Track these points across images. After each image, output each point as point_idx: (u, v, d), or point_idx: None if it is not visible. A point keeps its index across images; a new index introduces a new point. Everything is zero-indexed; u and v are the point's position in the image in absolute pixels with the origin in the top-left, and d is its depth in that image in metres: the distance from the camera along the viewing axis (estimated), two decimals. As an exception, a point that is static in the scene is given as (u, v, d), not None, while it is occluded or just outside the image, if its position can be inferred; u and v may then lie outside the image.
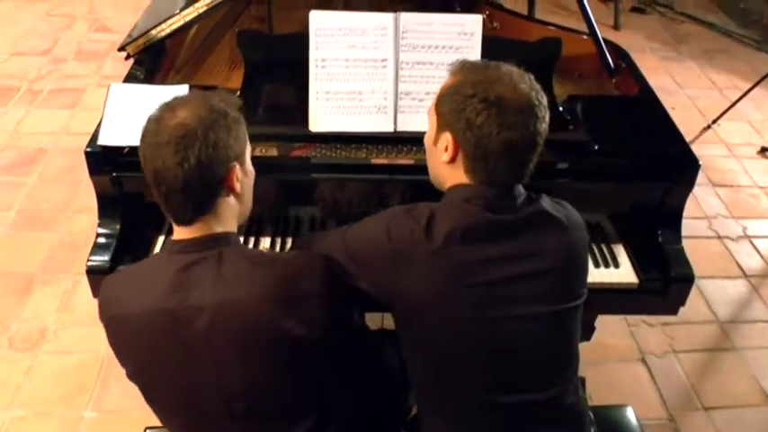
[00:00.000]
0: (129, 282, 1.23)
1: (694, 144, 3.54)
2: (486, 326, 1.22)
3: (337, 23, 1.65)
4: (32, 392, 2.21)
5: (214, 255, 1.17)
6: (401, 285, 1.22)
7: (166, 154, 1.13)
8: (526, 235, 1.23)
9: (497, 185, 1.23)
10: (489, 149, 1.20)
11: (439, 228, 1.20)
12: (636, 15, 4.89)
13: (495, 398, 1.24)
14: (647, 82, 1.98)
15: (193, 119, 1.15)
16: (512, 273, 1.21)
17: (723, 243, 2.98)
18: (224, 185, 1.20)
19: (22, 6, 4.47)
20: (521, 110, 1.20)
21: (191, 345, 1.16)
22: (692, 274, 1.68)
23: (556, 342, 1.27)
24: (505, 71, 1.24)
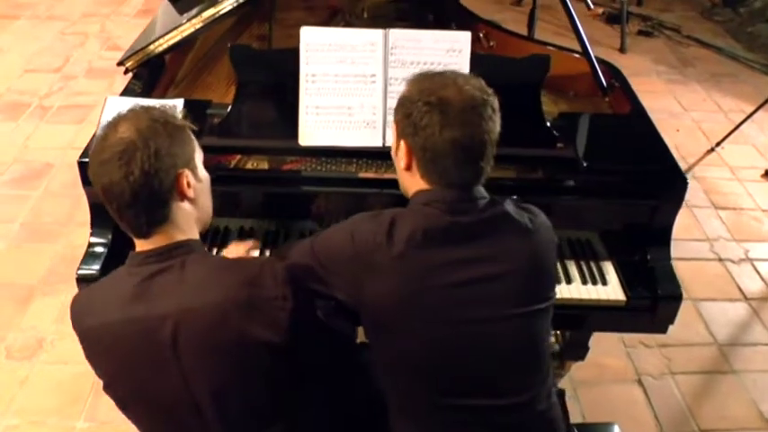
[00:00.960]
0: (95, 296, 1.25)
1: (697, 166, 3.57)
2: (448, 329, 1.22)
3: (327, 39, 1.67)
4: (27, 402, 2.23)
5: (177, 263, 1.19)
6: (365, 290, 1.23)
7: (111, 170, 1.15)
8: (487, 238, 1.24)
9: (454, 187, 1.25)
10: (436, 150, 1.23)
11: (400, 232, 1.22)
12: (642, 38, 4.90)
13: (462, 401, 1.25)
14: (639, 101, 1.99)
15: (132, 132, 1.16)
16: (473, 275, 1.22)
17: (724, 265, 2.96)
18: (174, 193, 1.21)
19: (38, 25, 4.57)
20: (464, 109, 1.22)
21: (158, 354, 1.17)
22: (680, 292, 1.67)
23: (522, 345, 1.27)
24: (451, 76, 1.28)
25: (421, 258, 1.21)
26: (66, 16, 4.67)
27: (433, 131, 1.22)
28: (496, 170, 1.72)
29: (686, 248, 3.02)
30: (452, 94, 1.23)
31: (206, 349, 1.17)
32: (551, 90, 2.19)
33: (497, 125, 1.27)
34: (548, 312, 1.30)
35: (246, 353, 1.18)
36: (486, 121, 1.24)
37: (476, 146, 1.23)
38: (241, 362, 1.19)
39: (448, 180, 1.25)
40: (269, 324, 1.18)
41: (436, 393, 1.26)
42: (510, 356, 1.26)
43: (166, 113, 1.24)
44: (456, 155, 1.23)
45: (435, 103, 1.22)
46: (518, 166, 1.75)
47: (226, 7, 1.91)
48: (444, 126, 1.21)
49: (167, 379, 1.18)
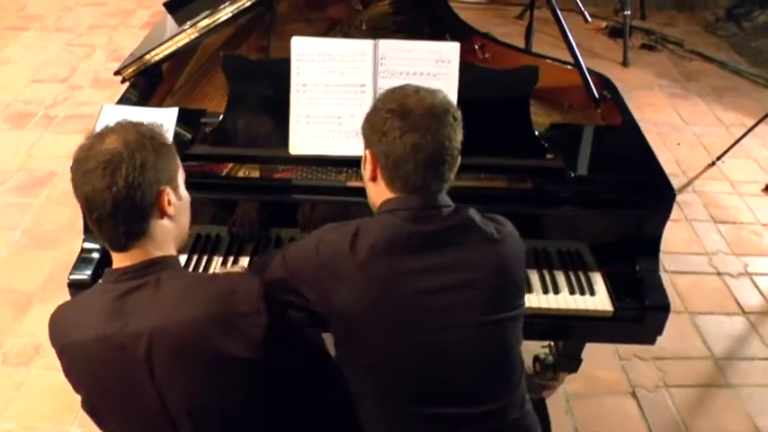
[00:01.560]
0: (72, 312, 1.25)
1: (698, 180, 3.56)
2: (414, 337, 1.23)
3: (318, 49, 1.70)
4: (22, 407, 2.25)
5: (152, 280, 1.19)
6: (332, 299, 1.25)
7: (94, 179, 1.15)
8: (451, 246, 1.25)
9: (417, 193, 1.27)
10: (397, 154, 1.25)
11: (363, 241, 1.23)
12: (645, 52, 4.91)
13: (431, 410, 1.25)
14: (631, 112, 2.00)
15: (120, 143, 1.17)
16: (437, 284, 1.23)
17: (723, 279, 2.94)
18: (155, 208, 1.21)
19: (46, 36, 4.64)
20: (424, 115, 1.25)
21: (133, 372, 1.17)
22: (667, 303, 1.67)
23: (490, 353, 1.27)
24: (415, 88, 1.30)
25: (384, 267, 1.22)
26: (74, 28, 4.74)
27: (394, 137, 1.24)
28: (486, 180, 1.76)
29: (685, 262, 3.01)
30: (413, 101, 1.26)
31: (180, 366, 1.17)
32: (545, 101, 2.21)
33: (459, 134, 1.29)
34: (517, 320, 1.31)
35: (221, 369, 1.18)
36: (446, 127, 1.26)
37: (436, 150, 1.25)
38: (216, 378, 1.19)
39: (411, 186, 1.27)
40: (243, 340, 1.18)
41: (405, 402, 1.26)
42: (478, 364, 1.26)
43: (154, 130, 1.25)
44: (417, 159, 1.24)
45: (396, 109, 1.25)
46: (508, 177, 1.76)
47: (221, 18, 1.94)
48: (405, 131, 1.24)
49: (143, 397, 1.19)
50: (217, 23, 1.95)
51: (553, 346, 2.33)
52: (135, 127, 1.22)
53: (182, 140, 1.76)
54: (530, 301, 1.67)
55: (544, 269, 1.75)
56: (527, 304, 1.64)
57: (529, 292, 1.69)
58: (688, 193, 3.47)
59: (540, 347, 2.40)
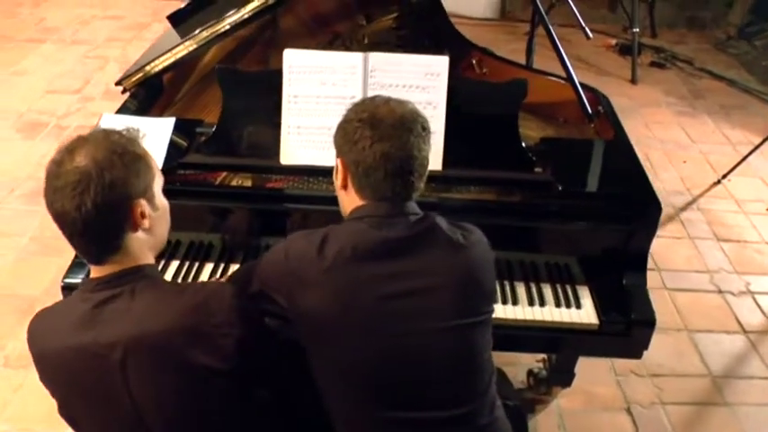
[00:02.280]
0: (49, 320, 1.26)
1: (703, 198, 3.54)
2: (380, 342, 1.25)
3: (310, 61, 1.73)
4: (19, 409, 2.28)
5: (127, 290, 1.20)
6: (300, 304, 1.27)
7: (64, 198, 1.14)
8: (417, 252, 1.27)
9: (386, 201, 1.29)
10: (367, 163, 1.27)
11: (331, 247, 1.26)
12: (655, 70, 4.91)
13: (397, 415, 1.26)
14: (623, 127, 2.01)
15: (89, 162, 1.16)
16: (402, 289, 1.24)
17: (724, 298, 2.92)
18: (128, 224, 1.20)
19: (63, 48, 4.74)
20: (393, 125, 1.27)
21: (108, 380, 1.18)
22: (653, 318, 1.67)
23: (457, 358, 1.28)
24: (385, 98, 1.33)
25: (349, 272, 1.25)
26: (90, 41, 4.84)
27: (364, 146, 1.27)
28: (476, 193, 1.78)
29: (685, 279, 3.00)
30: (384, 111, 1.29)
31: (154, 376, 1.18)
32: (541, 116, 2.23)
33: (427, 145, 1.32)
34: (485, 326, 1.32)
35: (193, 379, 1.20)
36: (415, 137, 1.28)
37: (405, 159, 1.28)
38: (189, 388, 1.20)
39: (379, 193, 1.29)
40: (214, 351, 1.19)
41: (371, 406, 1.28)
42: (444, 369, 1.27)
43: (126, 142, 1.22)
44: (386, 167, 1.27)
45: (367, 119, 1.28)
46: (497, 189, 1.78)
47: (219, 30, 1.98)
48: (375, 140, 1.26)
49: (118, 405, 1.20)
50: (215, 35, 1.99)
51: (546, 360, 2.33)
52: (107, 140, 1.20)
53: (177, 149, 1.81)
54: (515, 313, 1.69)
55: (531, 282, 1.76)
56: (513, 316, 1.67)
57: (514, 304, 1.71)
58: (692, 210, 3.45)
59: (534, 361, 2.41)
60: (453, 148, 1.73)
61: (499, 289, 1.73)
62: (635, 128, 4.15)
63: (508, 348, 1.81)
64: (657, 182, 3.64)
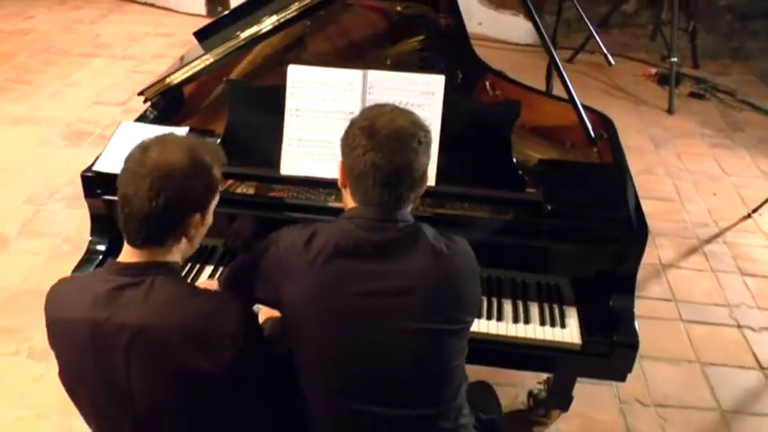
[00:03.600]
0: (69, 289, 1.35)
1: (730, 232, 3.47)
2: (352, 336, 1.30)
3: (312, 77, 1.82)
4: (37, 397, 2.41)
5: (148, 281, 1.28)
6: (284, 292, 1.33)
7: (141, 186, 1.25)
8: (398, 255, 1.32)
9: (376, 207, 1.34)
10: (358, 169, 1.33)
11: (317, 242, 1.32)
12: (693, 101, 4.84)
13: (366, 408, 1.31)
14: (623, 152, 2.02)
15: (178, 164, 1.26)
16: (378, 288, 1.29)
17: (742, 332, 2.85)
18: (180, 230, 1.31)
19: (113, 63, 4.99)
20: (389, 136, 1.31)
21: (111, 359, 1.26)
22: (636, 341, 1.67)
23: (425, 360, 1.32)
24: (389, 108, 1.38)
25: (330, 267, 1.31)
26: (139, 56, 5.08)
27: (359, 153, 1.33)
28: (467, 209, 1.82)
29: (703, 312, 2.94)
30: (383, 122, 1.34)
31: (152, 367, 1.26)
32: (549, 139, 2.26)
33: (423, 157, 1.36)
34: (459, 334, 1.36)
35: (188, 379, 1.26)
36: (408, 150, 1.32)
37: (394, 171, 1.32)
38: (181, 386, 1.27)
39: (368, 199, 1.35)
40: (213, 357, 1.26)
41: (343, 399, 1.33)
42: (411, 369, 1.32)
43: (209, 161, 1.33)
44: (375, 177, 1.32)
45: (366, 127, 1.34)
46: (488, 206, 1.81)
47: (233, 46, 2.09)
48: (368, 149, 1.32)
49: (115, 385, 1.27)
50: (230, 50, 2.10)
51: (546, 382, 2.32)
52: (196, 154, 1.30)
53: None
54: (498, 328, 1.72)
55: (519, 299, 1.79)
56: (495, 331, 1.70)
57: (499, 320, 1.73)
58: (717, 243, 3.38)
59: (535, 383, 2.41)
60: (447, 164, 1.77)
61: (486, 304, 1.77)
62: (666, 158, 4.11)
63: (492, 363, 1.83)
64: (683, 213, 3.59)
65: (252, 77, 2.48)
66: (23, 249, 3.12)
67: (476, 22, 5.75)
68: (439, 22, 2.71)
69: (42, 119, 4.19)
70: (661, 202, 3.68)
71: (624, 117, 4.56)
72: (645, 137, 4.34)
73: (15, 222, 3.29)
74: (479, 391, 1.75)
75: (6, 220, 3.30)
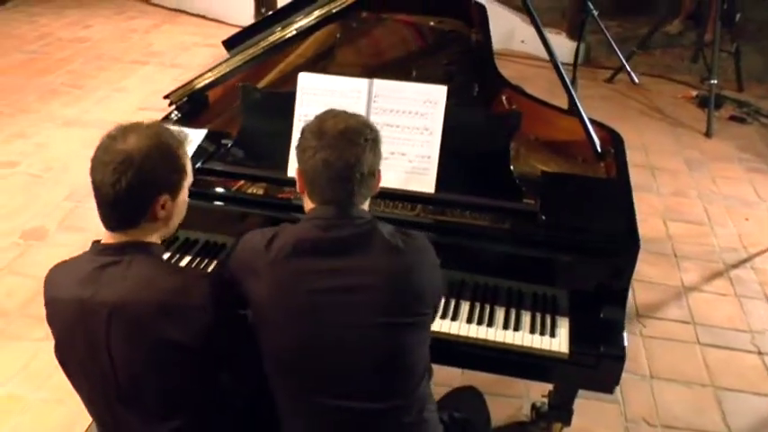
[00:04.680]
0: (61, 272, 1.44)
1: (759, 257, 3.40)
2: (312, 331, 1.35)
3: (321, 84, 1.89)
4: (59, 382, 2.52)
5: (126, 260, 1.37)
6: (248, 291, 1.40)
7: (105, 172, 1.32)
8: (353, 252, 1.37)
9: (331, 205, 1.40)
10: (312, 169, 1.39)
11: (277, 243, 1.39)
12: (734, 124, 4.75)
13: (329, 402, 1.36)
14: (627, 168, 2.03)
15: (136, 148, 1.33)
16: (335, 285, 1.34)
17: (762, 359, 2.79)
18: (148, 211, 1.37)
19: (162, 71, 5.21)
20: (335, 136, 1.38)
21: (95, 335, 1.35)
22: (622, 354, 1.67)
23: (382, 354, 1.36)
24: (336, 112, 1.44)
25: (289, 266, 1.37)
26: (186, 65, 5.28)
27: (310, 154, 1.40)
28: (466, 217, 1.86)
29: (723, 337, 2.89)
30: (330, 124, 1.41)
31: (130, 340, 1.34)
32: (561, 153, 2.28)
33: (370, 154, 1.41)
34: (418, 327, 1.40)
35: (162, 351, 1.34)
36: (355, 147, 1.39)
37: (343, 167, 1.38)
38: (157, 358, 1.35)
39: (325, 198, 1.41)
40: (186, 329, 1.34)
41: (305, 393, 1.39)
42: (370, 363, 1.36)
43: (173, 142, 1.39)
44: (328, 174, 1.39)
45: (316, 130, 1.41)
46: (485, 215, 1.84)
47: (252, 55, 2.20)
48: (319, 149, 1.39)
49: (99, 359, 1.36)
50: (249, 58, 2.20)
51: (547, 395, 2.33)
52: (157, 136, 1.37)
53: (200, 155, 2.01)
54: (487, 334, 1.75)
55: (513, 308, 1.81)
56: (485, 336, 1.73)
57: (489, 326, 1.76)
58: (744, 269, 3.31)
59: (540, 396, 2.41)
60: (447, 172, 1.83)
61: (478, 310, 1.80)
62: (700, 181, 4.05)
63: (480, 368, 1.86)
64: (711, 237, 3.54)
65: (280, 85, 2.58)
66: (60, 242, 3.30)
67: (518, 39, 5.78)
68: (470, 37, 2.76)
69: (90, 122, 4.40)
70: (689, 225, 3.63)
71: (660, 139, 4.53)
72: (679, 159, 4.28)
73: (56, 217, 3.47)
74: (465, 394, 1.79)
75: (48, 215, 3.49)
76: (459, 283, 1.86)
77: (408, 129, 1.85)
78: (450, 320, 1.77)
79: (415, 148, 1.85)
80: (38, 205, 3.56)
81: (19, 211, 3.50)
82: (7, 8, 6.28)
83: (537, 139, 2.39)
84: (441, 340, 1.73)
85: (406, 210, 1.87)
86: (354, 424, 1.38)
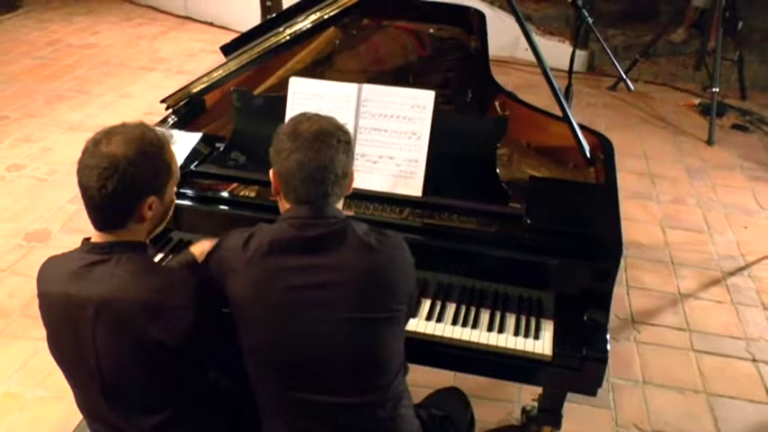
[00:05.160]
0: (51, 266, 1.48)
1: (757, 265, 3.39)
2: (287, 327, 1.38)
3: (312, 89, 1.93)
4: (58, 380, 2.55)
5: (114, 259, 1.40)
6: (228, 290, 1.44)
7: (91, 176, 1.35)
8: (327, 250, 1.40)
9: (306, 205, 1.43)
10: (287, 170, 1.42)
11: (254, 242, 1.43)
12: (736, 132, 4.75)
13: (304, 396, 1.40)
14: (615, 174, 2.04)
15: (121, 153, 1.35)
16: (310, 281, 1.38)
17: (756, 366, 2.79)
18: (135, 212, 1.41)
19: (168, 77, 5.27)
20: (308, 138, 1.42)
21: (81, 329, 1.39)
22: (605, 356, 1.68)
23: (357, 348, 1.39)
24: (310, 115, 1.48)
25: (265, 264, 1.41)
26: (193, 71, 5.33)
27: (285, 156, 1.43)
28: (456, 221, 1.88)
29: (718, 344, 2.89)
30: (304, 127, 1.45)
31: (114, 337, 1.38)
32: (553, 159, 2.30)
33: (343, 155, 1.45)
34: (391, 323, 1.43)
35: (143, 348, 1.38)
36: (329, 148, 1.42)
37: (317, 168, 1.42)
38: (137, 354, 1.39)
39: (299, 198, 1.45)
40: (167, 328, 1.37)
41: (282, 387, 1.42)
42: (346, 357, 1.39)
43: (157, 144, 1.42)
44: (302, 175, 1.42)
45: (290, 132, 1.45)
46: (477, 220, 1.87)
47: (245, 60, 2.24)
48: (292, 151, 1.42)
49: (84, 353, 1.40)
50: (244, 63, 2.24)
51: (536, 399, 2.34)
52: (141, 139, 1.39)
53: (193, 158, 2.05)
54: (471, 335, 1.77)
55: (498, 310, 1.83)
56: (469, 339, 1.75)
57: (474, 328, 1.78)
58: (741, 276, 3.31)
59: (530, 399, 2.42)
60: (434, 176, 1.85)
61: (464, 312, 1.82)
62: (700, 189, 4.05)
63: (464, 370, 1.88)
64: (710, 244, 3.54)
65: (278, 90, 2.61)
66: (63, 244, 3.33)
67: (523, 47, 5.81)
68: (469, 44, 2.80)
69: (95, 126, 4.27)
70: (687, 233, 3.63)
71: (661, 146, 4.54)
72: (680, 167, 4.29)
73: (59, 220, 3.52)
74: (447, 394, 1.82)
75: (52, 217, 3.54)
76: (446, 286, 1.88)
77: (396, 133, 1.88)
78: (436, 322, 1.79)
79: (402, 152, 1.87)
80: (42, 208, 3.61)
81: (23, 214, 3.56)
82: (19, 15, 6.38)
83: (530, 144, 2.42)
84: (425, 342, 1.76)
85: (395, 213, 1.90)
86: (330, 418, 1.41)
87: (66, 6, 6.68)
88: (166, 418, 1.44)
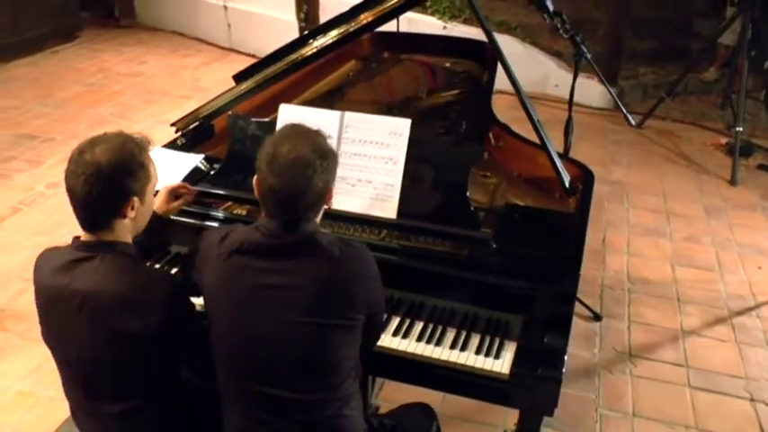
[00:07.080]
0: (46, 259, 1.63)
1: (767, 306, 3.34)
2: (248, 322, 1.51)
3: (299, 115, 2.06)
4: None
5: (99, 257, 1.55)
6: (202, 281, 1.59)
7: (77, 181, 1.50)
8: (292, 256, 1.52)
9: (277, 219, 1.54)
10: (261, 191, 1.55)
11: (228, 240, 1.56)
12: (762, 173, 4.70)
13: (260, 389, 1.52)
14: (589, 205, 2.11)
15: (104, 160, 1.50)
16: (272, 283, 1.50)
17: (754, 406, 2.75)
18: (119, 212, 1.56)
19: (180, 85, 5.56)
20: (283, 165, 1.50)
21: (68, 319, 1.54)
22: (559, 377, 1.73)
23: (309, 349, 1.50)
24: (297, 132, 1.57)
25: (234, 261, 1.54)
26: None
27: (263, 177, 1.54)
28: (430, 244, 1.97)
29: (715, 381, 2.87)
30: (285, 150, 1.52)
31: (96, 328, 1.52)
32: (540, 189, 2.37)
33: (319, 182, 1.53)
34: (347, 329, 1.53)
35: (121, 339, 1.52)
36: (302, 177, 1.50)
37: (290, 196, 1.51)
38: (116, 345, 1.53)
39: (269, 213, 1.56)
40: (144, 322, 1.51)
41: (240, 378, 1.55)
42: (298, 356, 1.50)
43: (137, 151, 1.57)
44: (274, 199, 1.53)
45: (270, 153, 1.54)
46: (450, 243, 1.95)
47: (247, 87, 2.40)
48: (267, 176, 1.52)
49: (70, 341, 1.56)
50: (248, 89, 2.41)
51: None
52: (122, 148, 1.54)
53: (193, 176, 2.20)
54: (433, 352, 1.85)
55: (464, 329, 1.90)
56: (430, 355, 1.83)
57: (437, 345, 1.86)
58: (750, 317, 3.28)
59: (512, 424, 2.45)
60: (408, 200, 1.95)
61: (430, 330, 1.90)
62: (716, 228, 4.03)
63: (426, 385, 1.93)
64: (719, 283, 3.51)
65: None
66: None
67: (552, 83, 5.88)
68: (481, 78, 2.91)
69: None
70: (698, 271, 3.61)
71: (682, 185, 4.53)
72: (698, 206, 4.27)
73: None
74: (411, 408, 1.89)
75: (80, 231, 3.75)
76: (417, 305, 1.96)
77: (374, 158, 1.99)
78: (401, 338, 1.87)
79: (380, 177, 1.99)
80: (73, 223, 3.82)
81: (56, 227, 3.79)
82: (75, 45, 6.81)
83: (520, 175, 2.49)
84: (388, 356, 1.84)
85: (373, 234, 2.01)
86: (281, 412, 1.52)
87: (120, 37, 7.09)
88: (133, 407, 1.57)
